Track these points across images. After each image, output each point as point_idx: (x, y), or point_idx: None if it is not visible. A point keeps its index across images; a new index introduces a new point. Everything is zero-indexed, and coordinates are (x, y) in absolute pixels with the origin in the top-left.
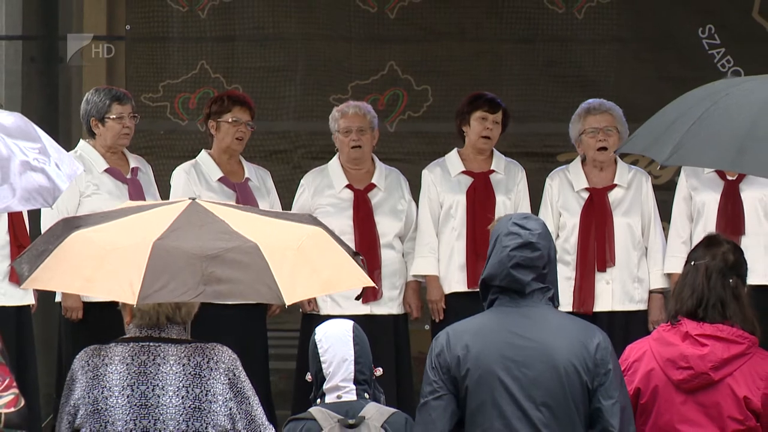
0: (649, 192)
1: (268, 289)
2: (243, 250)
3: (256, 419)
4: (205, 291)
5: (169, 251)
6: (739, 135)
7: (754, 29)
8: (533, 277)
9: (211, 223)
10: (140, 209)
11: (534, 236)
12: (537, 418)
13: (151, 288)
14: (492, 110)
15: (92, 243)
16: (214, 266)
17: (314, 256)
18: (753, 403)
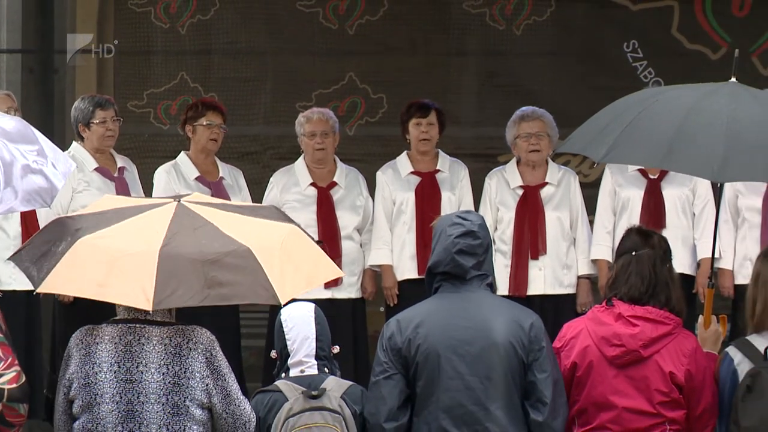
0: (577, 189)
1: (265, 291)
2: (239, 255)
3: (231, 394)
4: (210, 295)
5: (174, 258)
6: (668, 136)
7: (673, 44)
8: (474, 263)
9: (202, 226)
10: (132, 211)
11: (475, 226)
12: (480, 391)
13: (163, 294)
14: (424, 115)
15: (99, 250)
16: (215, 271)
17: (295, 253)
18: (677, 377)
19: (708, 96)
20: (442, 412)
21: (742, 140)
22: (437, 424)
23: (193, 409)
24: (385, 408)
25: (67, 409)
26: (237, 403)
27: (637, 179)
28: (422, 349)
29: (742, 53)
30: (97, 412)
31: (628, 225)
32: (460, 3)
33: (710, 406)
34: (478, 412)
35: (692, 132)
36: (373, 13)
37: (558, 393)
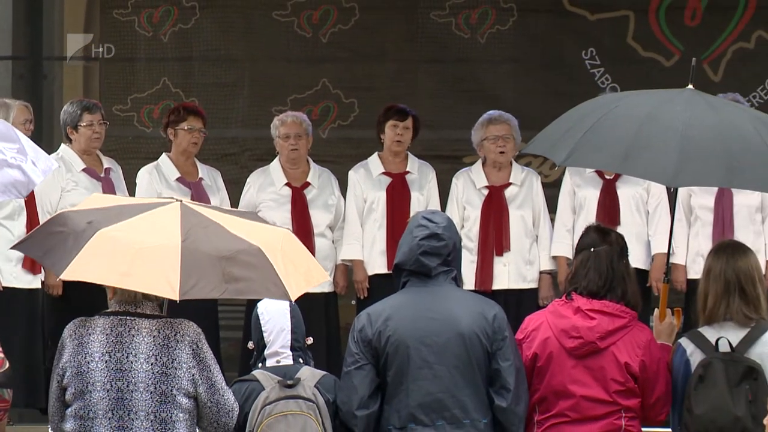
0: (539, 189)
1: (276, 287)
2: (250, 253)
3: (216, 384)
4: (228, 289)
5: (194, 252)
6: (625, 142)
7: (629, 52)
8: (439, 262)
9: (210, 225)
10: (140, 208)
11: (440, 228)
12: (447, 379)
13: (187, 285)
14: (401, 118)
15: (120, 241)
16: (231, 266)
17: (292, 255)
18: (632, 367)
19: (665, 103)
20: (412, 399)
21: (697, 146)
22: (407, 411)
23: (180, 397)
24: (356, 396)
25: (60, 396)
26: (221, 393)
27: (594, 180)
28: (392, 341)
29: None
30: (88, 399)
31: (585, 223)
32: (428, 13)
33: (664, 394)
34: (445, 399)
35: (649, 138)
36: (345, 22)
37: (520, 380)
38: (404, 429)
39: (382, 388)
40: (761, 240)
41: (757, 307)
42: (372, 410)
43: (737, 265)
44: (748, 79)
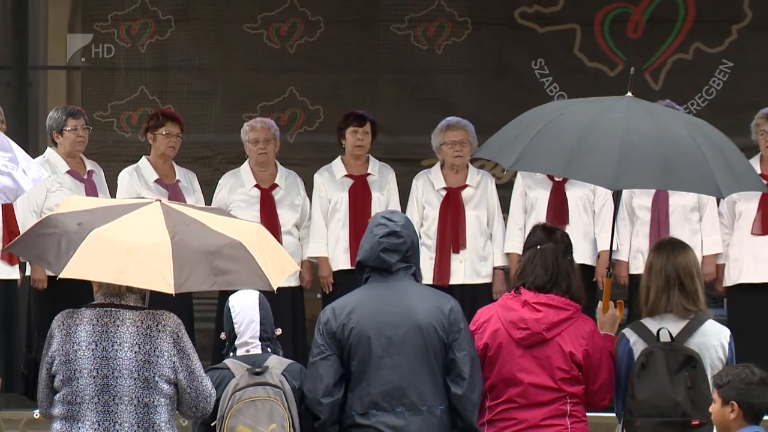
0: (493, 190)
1: (259, 278)
2: (233, 247)
3: (195, 372)
4: (217, 281)
5: (183, 249)
6: (569, 148)
7: (575, 62)
8: (398, 258)
9: (191, 223)
10: (123, 209)
11: (398, 226)
12: (406, 368)
13: (180, 279)
14: (360, 124)
15: (112, 241)
16: (218, 260)
17: (266, 247)
18: (576, 356)
19: (607, 110)
20: (373, 387)
21: (636, 151)
22: (369, 398)
23: (161, 384)
24: (322, 385)
25: (49, 383)
26: (200, 380)
27: (544, 181)
28: (354, 333)
29: (636, 70)
30: (76, 386)
31: (536, 222)
32: (388, 26)
33: (607, 382)
34: (405, 387)
35: (591, 143)
36: (311, 34)
37: (475, 369)
38: (366, 415)
39: (346, 377)
40: (697, 237)
41: (696, 300)
42: (336, 398)
43: (677, 261)
44: (687, 88)
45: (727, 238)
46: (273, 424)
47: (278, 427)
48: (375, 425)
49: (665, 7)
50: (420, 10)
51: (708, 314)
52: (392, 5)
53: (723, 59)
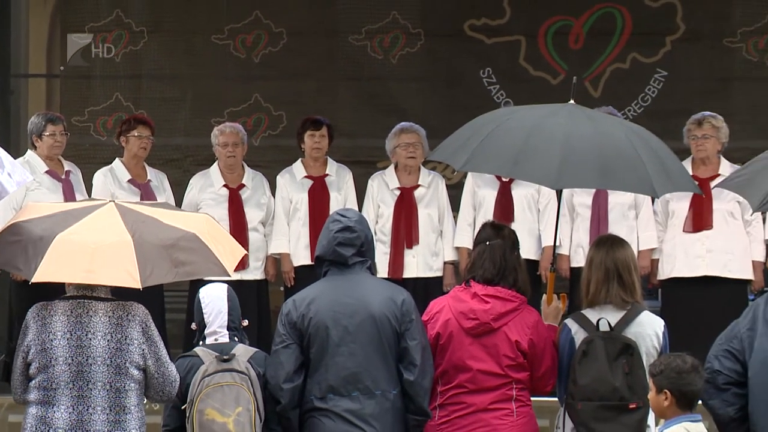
0: (444, 190)
1: (216, 266)
2: (189, 239)
3: (162, 358)
4: (178, 272)
5: (144, 245)
6: (515, 150)
7: (520, 71)
8: (353, 252)
9: (146, 220)
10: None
11: (352, 222)
12: (361, 356)
13: (145, 273)
14: (317, 128)
15: (76, 243)
16: (176, 253)
17: (216, 236)
18: (522, 345)
19: (550, 116)
20: (330, 374)
21: (577, 153)
22: (326, 383)
23: (132, 369)
24: (283, 372)
25: (24, 371)
26: (166, 366)
27: (492, 181)
28: (313, 322)
29: (577, 79)
30: (51, 372)
31: (484, 219)
32: (346, 37)
33: (550, 368)
34: (359, 373)
35: (535, 146)
36: (275, 45)
37: (426, 357)
38: (324, 399)
39: (306, 364)
40: (634, 234)
41: (633, 292)
42: (296, 383)
43: (615, 256)
44: (624, 95)
45: (662, 235)
46: (239, 407)
47: (244, 410)
48: (332, 409)
49: (604, 20)
50: (376, 22)
51: (644, 305)
52: (350, 18)
53: (657, 68)
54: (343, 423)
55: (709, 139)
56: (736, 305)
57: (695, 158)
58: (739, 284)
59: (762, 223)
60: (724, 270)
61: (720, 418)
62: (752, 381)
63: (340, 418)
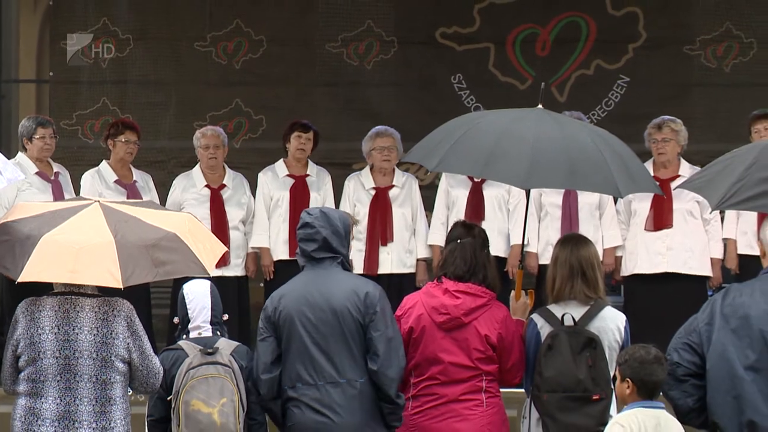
0: (417, 190)
1: (196, 265)
2: (169, 239)
3: (146, 351)
4: (159, 272)
5: (126, 245)
6: (486, 152)
7: (489, 77)
8: (315, 247)
9: (129, 220)
10: (66, 213)
11: (311, 218)
12: (324, 345)
13: (126, 274)
14: (305, 131)
15: (61, 244)
16: (157, 253)
17: (197, 234)
18: (491, 339)
19: (519, 119)
20: (298, 362)
21: (545, 155)
22: (295, 371)
23: (117, 363)
24: (261, 363)
25: (14, 364)
26: (150, 359)
27: (464, 182)
28: (283, 315)
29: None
30: (40, 365)
31: (457, 218)
32: (323, 44)
33: (518, 361)
34: (323, 363)
35: (505, 148)
36: (255, 52)
37: (391, 348)
38: (294, 389)
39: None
40: (599, 233)
41: (596, 289)
42: (274, 375)
43: (580, 254)
44: (589, 100)
45: (624, 233)
46: (223, 398)
47: (228, 401)
48: (300, 398)
49: (569, 29)
50: (352, 30)
51: (606, 301)
52: (327, 26)
53: (620, 75)
54: (310, 412)
55: (669, 142)
56: (696, 301)
57: (656, 160)
58: (699, 280)
59: (720, 223)
60: (684, 267)
61: (680, 408)
62: (710, 373)
63: (308, 407)
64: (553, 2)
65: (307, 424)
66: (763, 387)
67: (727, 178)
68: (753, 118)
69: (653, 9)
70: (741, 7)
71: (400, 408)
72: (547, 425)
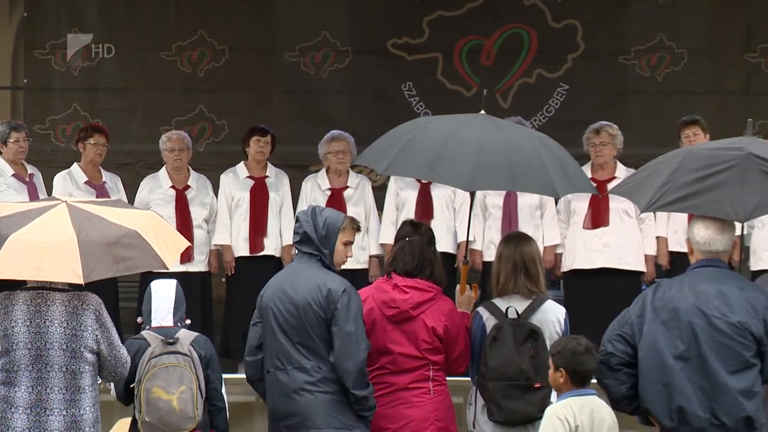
0: (369, 191)
1: (155, 260)
2: (130, 236)
3: (114, 342)
4: (119, 268)
5: (88, 243)
6: (431, 155)
7: (438, 85)
8: (297, 240)
9: (93, 219)
10: (35, 213)
11: (302, 214)
12: (291, 334)
13: (87, 270)
14: (263, 135)
15: (27, 243)
16: (118, 250)
17: (160, 231)
18: (438, 330)
19: (463, 125)
20: (272, 349)
21: (487, 158)
22: (270, 358)
23: (86, 353)
24: (248, 346)
25: None
26: (118, 349)
27: (413, 183)
28: (262, 304)
29: (488, 92)
30: (13, 356)
31: (406, 217)
32: (282, 54)
33: (463, 352)
34: (289, 349)
35: (450, 151)
36: (218, 60)
37: (350, 342)
38: (269, 373)
39: None
40: (540, 231)
41: (538, 283)
42: (257, 357)
43: (522, 251)
44: (530, 106)
45: (564, 232)
46: (182, 386)
47: (187, 389)
48: (273, 381)
49: (512, 40)
50: (309, 40)
51: (547, 295)
52: (285, 37)
53: (560, 83)
54: (279, 395)
55: (607, 146)
56: (630, 294)
57: (594, 163)
58: (633, 275)
59: (654, 221)
60: (620, 262)
61: (613, 396)
62: (641, 362)
63: (277, 390)
64: (497, 15)
65: (277, 407)
66: (691, 375)
67: (654, 182)
68: (682, 124)
69: (591, 21)
70: (673, 20)
71: (362, 399)
72: (492, 411)
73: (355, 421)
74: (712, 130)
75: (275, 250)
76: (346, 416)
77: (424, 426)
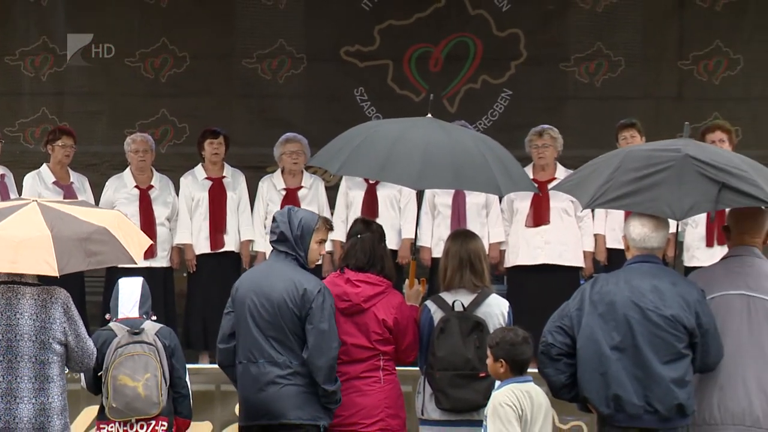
0: (323, 191)
1: (124, 255)
2: (100, 232)
3: (81, 335)
4: (90, 261)
5: (61, 239)
6: (381, 156)
7: (388, 90)
8: (274, 239)
9: (64, 216)
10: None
11: (279, 214)
12: (265, 330)
13: (62, 263)
14: (215, 137)
15: (2, 238)
16: (89, 245)
17: (125, 229)
18: (388, 322)
19: (412, 127)
20: (246, 342)
21: (434, 159)
22: (243, 350)
23: (55, 345)
24: (221, 334)
25: None
26: (85, 341)
27: (361, 183)
28: (237, 297)
29: (436, 97)
30: None
31: (355, 216)
32: (240, 60)
33: (412, 343)
34: (262, 343)
35: (399, 153)
36: (179, 67)
37: (322, 339)
38: (242, 363)
39: None
40: (486, 229)
41: (482, 278)
42: (229, 345)
43: (468, 247)
44: (476, 111)
45: (508, 229)
46: (147, 373)
47: (152, 376)
48: (244, 373)
49: (459, 48)
50: (266, 48)
51: (492, 289)
52: (243, 44)
53: (504, 89)
54: (250, 385)
55: (548, 148)
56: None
57: (536, 164)
58: (572, 271)
59: (592, 219)
60: (560, 258)
61: (553, 384)
62: (580, 352)
63: (249, 381)
64: (444, 24)
65: (249, 397)
66: (627, 365)
67: (595, 180)
68: (620, 127)
69: (533, 31)
70: (610, 30)
71: (331, 393)
72: (439, 399)
73: (322, 412)
74: (648, 132)
75: (234, 246)
76: (314, 408)
77: (374, 413)
